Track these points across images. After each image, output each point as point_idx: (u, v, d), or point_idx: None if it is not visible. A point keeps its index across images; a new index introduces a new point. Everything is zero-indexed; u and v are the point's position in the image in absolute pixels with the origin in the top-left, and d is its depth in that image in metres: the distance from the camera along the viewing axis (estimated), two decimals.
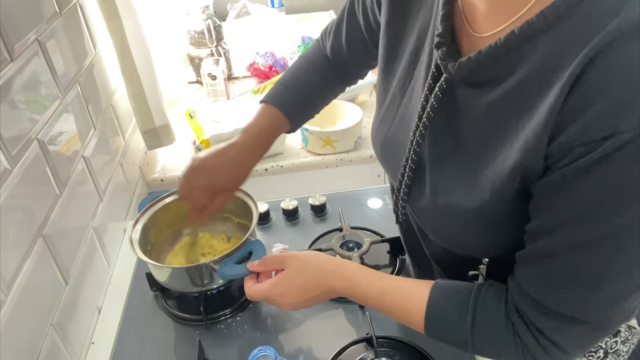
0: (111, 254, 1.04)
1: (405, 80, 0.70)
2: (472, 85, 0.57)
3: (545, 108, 0.48)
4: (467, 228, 0.62)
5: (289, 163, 1.33)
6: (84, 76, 0.99)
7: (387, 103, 0.74)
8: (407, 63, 0.69)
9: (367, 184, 1.29)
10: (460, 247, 0.66)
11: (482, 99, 0.55)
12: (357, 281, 0.69)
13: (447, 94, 0.59)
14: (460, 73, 0.56)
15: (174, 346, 0.86)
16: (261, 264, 0.76)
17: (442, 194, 0.63)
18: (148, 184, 1.32)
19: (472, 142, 0.59)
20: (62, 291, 0.83)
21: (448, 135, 0.61)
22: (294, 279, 0.72)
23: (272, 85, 0.91)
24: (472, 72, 0.55)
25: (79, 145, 0.94)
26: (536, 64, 0.50)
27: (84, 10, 1.03)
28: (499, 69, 0.53)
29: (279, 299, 0.72)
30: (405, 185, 0.69)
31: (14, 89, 0.73)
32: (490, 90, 0.54)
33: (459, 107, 0.59)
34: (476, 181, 0.58)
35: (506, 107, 0.53)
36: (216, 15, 1.72)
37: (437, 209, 0.64)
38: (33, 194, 0.77)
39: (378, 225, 1.04)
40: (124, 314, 0.93)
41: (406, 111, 0.69)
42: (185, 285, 0.87)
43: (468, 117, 0.58)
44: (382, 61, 0.75)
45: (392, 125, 0.72)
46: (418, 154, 0.65)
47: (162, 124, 1.23)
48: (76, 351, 0.85)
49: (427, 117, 0.62)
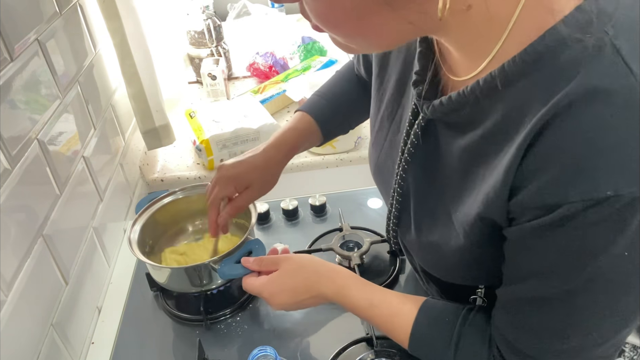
0: (111, 254, 1.04)
1: (392, 107, 0.70)
2: (450, 127, 0.57)
3: (505, 162, 0.48)
4: (452, 263, 0.62)
5: (289, 163, 1.32)
6: (84, 76, 0.99)
7: (377, 128, 0.74)
8: (394, 90, 0.69)
9: (367, 184, 1.28)
10: (451, 279, 0.66)
11: (458, 141, 0.56)
12: (348, 290, 0.70)
13: (426, 132, 0.60)
14: (435, 114, 0.56)
15: (174, 346, 0.86)
16: (257, 262, 0.77)
17: (425, 231, 0.64)
18: (148, 184, 1.32)
19: (447, 184, 0.59)
20: (62, 291, 0.83)
21: (428, 172, 0.62)
22: (286, 280, 0.73)
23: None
24: (445, 115, 0.55)
25: (79, 145, 0.94)
26: (500, 116, 0.49)
27: (84, 10, 1.03)
28: (469, 115, 0.53)
29: (270, 298, 0.73)
30: (394, 215, 0.70)
31: (14, 89, 0.73)
32: (465, 134, 0.55)
33: (438, 146, 0.59)
34: (450, 224, 0.59)
35: (475, 154, 0.54)
36: (216, 15, 1.72)
37: (422, 244, 0.65)
38: (33, 194, 0.77)
39: (378, 225, 1.04)
40: (124, 314, 0.93)
41: (394, 139, 0.69)
42: (184, 285, 0.87)
43: (445, 158, 0.59)
44: (374, 82, 0.76)
45: (382, 152, 0.73)
46: (402, 187, 0.66)
47: (162, 124, 1.23)
48: (76, 351, 0.85)
49: (408, 153, 0.63)
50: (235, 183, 0.84)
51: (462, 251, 0.58)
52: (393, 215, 0.70)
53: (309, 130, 0.90)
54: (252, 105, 1.41)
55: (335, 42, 0.52)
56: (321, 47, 1.83)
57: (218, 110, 1.41)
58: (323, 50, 1.83)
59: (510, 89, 0.48)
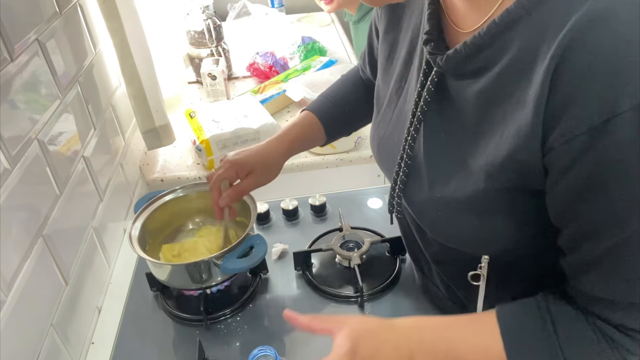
0: (111, 254, 1.04)
1: (400, 83, 0.71)
2: (461, 77, 0.58)
3: (531, 96, 0.48)
4: (463, 220, 0.61)
5: (289, 163, 1.32)
6: (84, 76, 0.99)
7: (385, 106, 0.75)
8: (401, 67, 0.71)
9: (367, 184, 1.28)
10: (457, 242, 0.65)
11: (470, 89, 0.57)
12: None
13: (438, 88, 0.61)
14: (449, 65, 0.57)
15: (174, 346, 0.86)
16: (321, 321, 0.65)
17: (439, 186, 0.63)
18: (148, 184, 1.32)
19: (464, 133, 0.59)
20: (62, 291, 0.83)
21: (442, 127, 0.62)
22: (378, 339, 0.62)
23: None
24: (459, 63, 0.56)
25: (79, 145, 0.94)
26: (518, 50, 0.50)
27: (84, 10, 1.03)
28: (484, 58, 0.54)
29: None
30: (401, 181, 0.69)
31: (14, 89, 0.73)
32: (477, 80, 0.55)
33: (450, 100, 0.60)
34: (470, 171, 0.58)
35: (492, 95, 0.54)
36: (216, 15, 1.72)
37: (434, 201, 0.64)
38: (33, 194, 0.77)
39: (378, 225, 1.04)
40: (124, 314, 0.93)
41: (402, 111, 0.70)
42: (185, 282, 0.87)
43: (459, 109, 0.59)
44: (380, 68, 0.78)
45: (389, 126, 0.74)
46: (413, 149, 0.66)
47: (162, 124, 1.23)
48: (76, 351, 0.85)
49: (420, 111, 0.63)
50: (237, 167, 0.86)
51: (476, 200, 0.57)
52: (400, 181, 0.69)
53: (312, 128, 0.92)
54: (252, 105, 1.41)
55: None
56: (321, 47, 1.83)
57: (218, 110, 1.41)
58: (323, 50, 1.83)
59: (525, 21, 0.49)
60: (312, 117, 0.93)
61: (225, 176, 0.86)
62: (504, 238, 0.59)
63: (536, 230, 0.58)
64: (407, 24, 0.71)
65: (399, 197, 0.71)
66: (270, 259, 0.99)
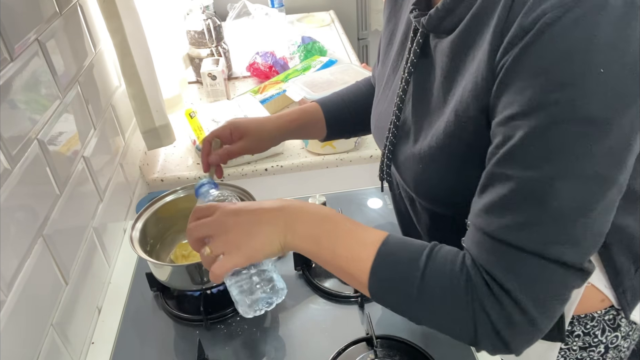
0: (111, 254, 1.04)
1: (397, 63, 0.76)
2: (442, 35, 0.62)
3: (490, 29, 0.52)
4: (440, 170, 0.63)
5: (289, 163, 1.33)
6: (84, 76, 0.99)
7: (383, 86, 0.80)
8: (398, 47, 0.76)
9: (367, 184, 1.28)
10: (437, 200, 0.67)
11: (446, 41, 0.61)
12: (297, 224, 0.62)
13: (423, 49, 0.66)
14: (432, 23, 0.62)
15: (174, 346, 0.86)
16: (193, 214, 0.66)
17: (421, 139, 0.66)
18: (148, 184, 1.32)
19: (440, 83, 0.63)
20: (62, 291, 0.83)
21: (426, 85, 0.66)
22: (232, 216, 0.62)
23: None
24: (441, 19, 0.60)
25: (79, 145, 0.94)
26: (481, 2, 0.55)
27: (84, 10, 1.03)
28: (461, 10, 0.58)
29: (222, 236, 0.61)
30: (390, 143, 0.72)
31: (14, 89, 0.73)
32: (452, 34, 0.60)
33: (433, 58, 0.64)
34: (443, 118, 0.61)
35: (460, 43, 0.58)
36: (216, 15, 1.72)
37: (415, 155, 0.67)
38: (33, 194, 0.77)
39: (378, 225, 1.04)
40: (124, 314, 0.93)
41: (394, 82, 0.76)
42: (185, 283, 0.87)
43: (438, 61, 0.63)
44: (381, 54, 0.83)
45: (385, 103, 0.78)
46: (402, 110, 0.70)
47: (162, 124, 1.23)
48: (76, 351, 0.85)
49: (407, 72, 0.67)
50: (231, 127, 0.89)
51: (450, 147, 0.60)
52: (389, 143, 0.73)
53: (314, 117, 0.95)
54: (252, 105, 1.41)
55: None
56: (321, 47, 1.83)
57: (218, 110, 1.41)
58: (323, 50, 1.83)
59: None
60: (317, 108, 0.95)
61: (219, 133, 0.88)
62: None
63: None
64: (406, 11, 0.75)
65: (389, 159, 0.74)
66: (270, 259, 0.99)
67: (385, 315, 0.86)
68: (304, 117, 0.94)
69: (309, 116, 0.95)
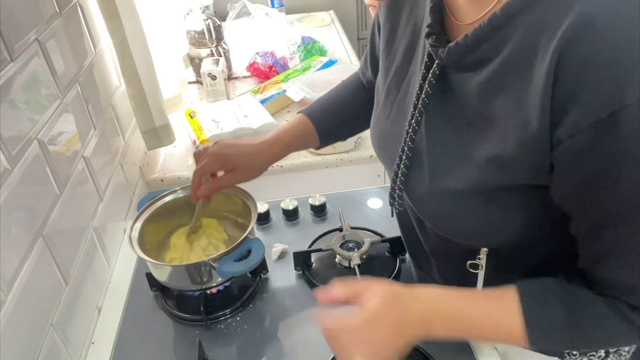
0: (111, 254, 1.04)
1: (400, 75, 0.72)
2: (462, 70, 0.59)
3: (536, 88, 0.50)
4: (463, 212, 0.62)
5: (289, 163, 1.33)
6: (84, 76, 0.99)
7: (383, 99, 0.76)
8: (401, 60, 0.72)
9: (367, 184, 1.28)
10: (457, 235, 0.66)
11: (472, 81, 0.58)
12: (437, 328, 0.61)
13: (440, 81, 0.62)
14: (451, 57, 0.58)
15: (174, 346, 0.86)
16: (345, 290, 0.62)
17: (441, 177, 0.63)
18: (148, 184, 1.32)
19: (465, 124, 0.60)
20: (62, 291, 0.83)
21: (443, 119, 0.63)
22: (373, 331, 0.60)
23: None
24: (461, 55, 0.57)
25: (79, 145, 0.94)
26: (519, 42, 0.52)
27: (84, 10, 1.03)
28: (486, 50, 0.55)
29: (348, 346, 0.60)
30: (402, 174, 0.69)
31: (14, 89, 0.73)
32: (479, 73, 0.57)
33: (452, 92, 0.61)
34: (472, 162, 0.59)
35: (493, 87, 0.55)
36: (216, 15, 1.72)
37: (435, 193, 0.64)
38: (33, 194, 0.77)
39: (378, 225, 1.04)
40: (124, 314, 0.93)
41: (402, 104, 0.71)
42: (185, 283, 0.87)
43: (461, 101, 0.60)
44: (381, 60, 0.78)
45: (388, 119, 0.74)
46: (414, 142, 0.66)
47: (162, 124, 1.23)
48: (76, 351, 0.85)
49: (422, 104, 0.64)
50: (223, 162, 0.87)
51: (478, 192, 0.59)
52: (401, 173, 0.69)
53: (305, 133, 0.92)
54: (252, 105, 1.41)
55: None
56: (321, 47, 1.83)
57: (218, 110, 1.41)
58: (323, 50, 1.83)
59: (526, 13, 0.51)
60: (307, 122, 0.92)
61: (209, 169, 0.87)
62: (504, 230, 0.59)
63: (536, 221, 0.59)
64: (408, 17, 0.71)
65: (400, 189, 0.71)
66: (270, 259, 0.99)
67: None
68: (296, 141, 0.91)
69: (301, 137, 0.92)
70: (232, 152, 0.87)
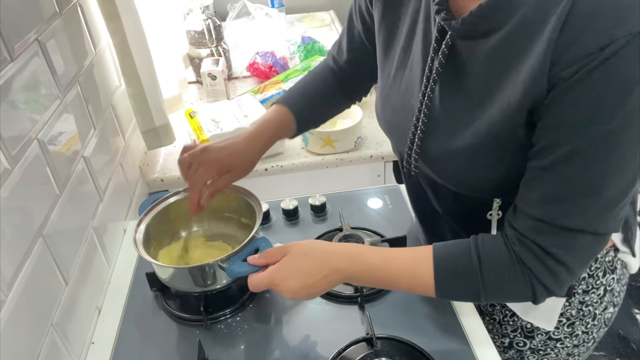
0: (111, 254, 1.04)
1: (404, 56, 0.77)
2: (471, 39, 0.64)
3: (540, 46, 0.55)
4: (480, 165, 0.68)
5: (289, 163, 1.33)
6: (84, 76, 0.99)
7: (391, 81, 0.80)
8: (404, 42, 0.77)
9: (367, 184, 1.29)
10: (474, 189, 0.71)
11: (482, 47, 0.63)
12: (360, 255, 0.72)
13: (451, 51, 0.67)
14: (464, 27, 0.63)
15: (174, 346, 0.86)
16: (263, 256, 0.76)
17: (458, 136, 0.69)
18: (148, 184, 1.32)
19: (478, 86, 0.65)
20: (62, 291, 0.83)
21: (456, 85, 0.68)
22: (297, 262, 0.72)
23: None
24: (474, 25, 0.62)
25: (79, 145, 0.94)
26: (530, 6, 0.57)
27: (84, 10, 1.03)
28: (498, 17, 0.60)
29: (281, 283, 0.71)
30: (419, 139, 0.74)
31: (14, 89, 0.73)
32: (489, 39, 0.62)
33: (462, 60, 0.66)
34: (486, 117, 0.65)
35: (504, 50, 0.61)
36: (216, 15, 1.72)
37: (452, 152, 0.70)
38: (33, 194, 0.77)
39: (378, 225, 1.04)
40: (124, 314, 0.93)
41: (410, 80, 0.76)
42: (188, 285, 0.87)
43: (471, 66, 0.66)
44: (381, 49, 0.83)
45: (397, 97, 0.79)
46: (430, 108, 0.72)
47: (162, 123, 1.23)
48: (76, 351, 0.85)
49: (436, 73, 0.69)
50: (218, 167, 0.87)
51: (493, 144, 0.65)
52: (418, 139, 0.74)
53: (285, 122, 0.94)
54: (252, 105, 1.41)
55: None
56: (321, 47, 1.83)
57: (218, 110, 1.41)
58: (323, 50, 1.83)
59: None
60: (286, 112, 0.94)
61: (207, 178, 0.86)
62: (517, 176, 0.64)
63: None
64: (408, 3, 0.75)
65: (417, 154, 0.76)
66: None
67: (385, 316, 0.86)
68: (278, 132, 0.93)
69: (283, 127, 0.94)
70: (225, 155, 0.87)
